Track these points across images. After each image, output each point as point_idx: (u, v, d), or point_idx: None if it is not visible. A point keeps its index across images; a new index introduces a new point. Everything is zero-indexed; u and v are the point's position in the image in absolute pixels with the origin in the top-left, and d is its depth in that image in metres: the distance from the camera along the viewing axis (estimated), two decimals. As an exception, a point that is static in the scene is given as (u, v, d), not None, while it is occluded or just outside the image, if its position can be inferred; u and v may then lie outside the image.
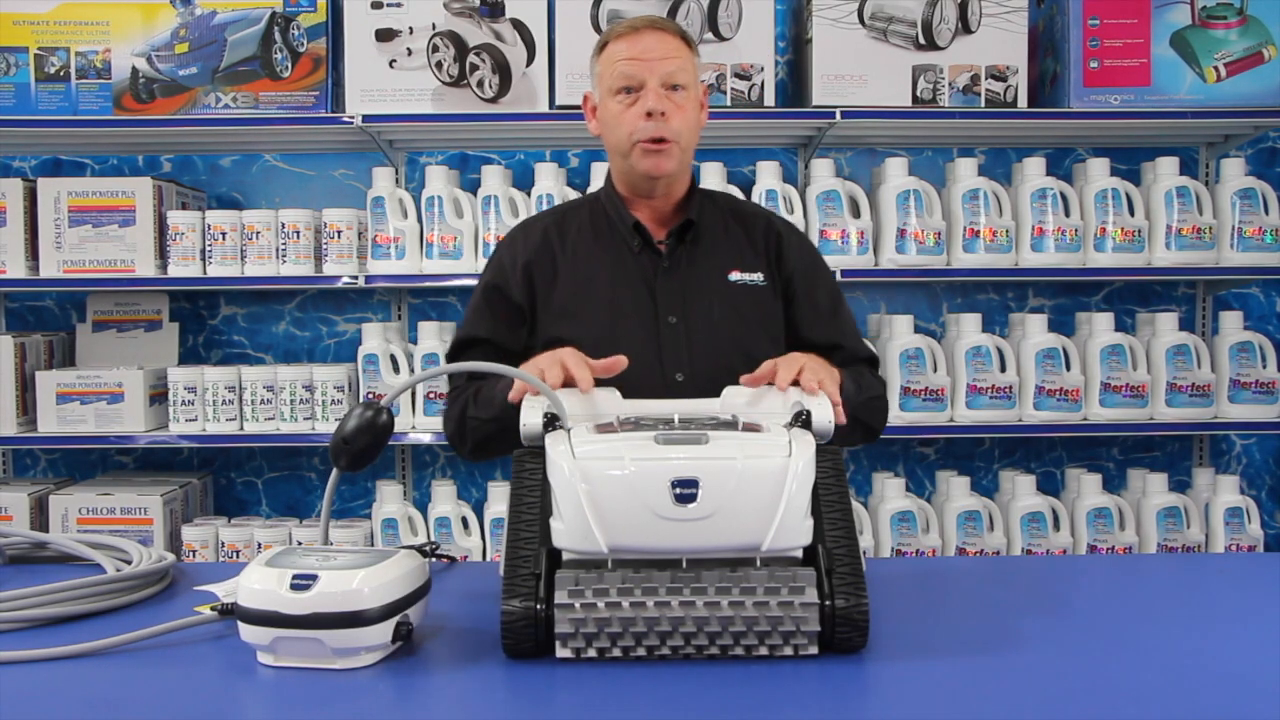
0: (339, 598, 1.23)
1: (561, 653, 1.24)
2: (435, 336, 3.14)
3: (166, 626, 1.36)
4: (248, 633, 1.25)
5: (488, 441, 1.83)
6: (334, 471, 1.42)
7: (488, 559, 3.10)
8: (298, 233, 3.12)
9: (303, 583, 1.24)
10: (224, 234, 3.12)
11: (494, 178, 3.16)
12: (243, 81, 3.15)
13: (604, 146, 1.95)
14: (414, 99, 3.15)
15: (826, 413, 1.41)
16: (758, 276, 1.90)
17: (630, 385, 1.60)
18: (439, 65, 3.15)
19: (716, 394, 1.54)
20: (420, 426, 3.12)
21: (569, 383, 1.53)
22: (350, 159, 3.48)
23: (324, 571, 1.25)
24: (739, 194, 2.99)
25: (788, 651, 1.25)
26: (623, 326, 1.84)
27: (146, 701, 1.18)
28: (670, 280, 1.87)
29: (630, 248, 1.89)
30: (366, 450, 1.40)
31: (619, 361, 1.59)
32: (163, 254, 3.17)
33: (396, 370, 3.15)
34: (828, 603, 1.23)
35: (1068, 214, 3.15)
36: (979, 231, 3.12)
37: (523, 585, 1.25)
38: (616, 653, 1.24)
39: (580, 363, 1.56)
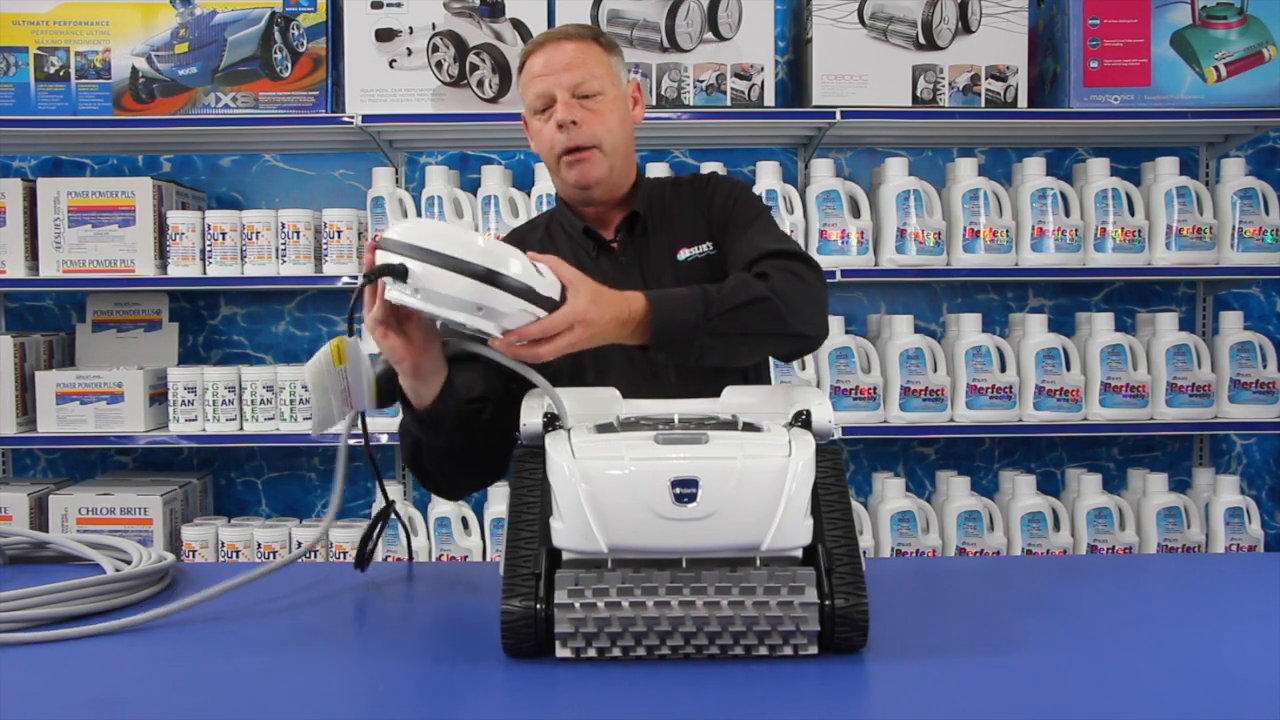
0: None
1: (561, 652, 1.24)
2: (435, 336, 3.14)
3: (170, 608, 1.37)
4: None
5: (416, 452, 1.67)
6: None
7: (488, 559, 3.10)
8: (298, 233, 3.13)
9: None
10: (224, 234, 3.12)
11: (494, 178, 3.16)
12: (242, 81, 3.15)
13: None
14: (414, 99, 3.15)
15: (826, 413, 1.41)
16: (705, 246, 1.87)
17: (621, 379, 1.59)
18: (439, 65, 3.15)
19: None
20: (420, 426, 3.11)
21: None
22: (350, 159, 3.48)
23: None
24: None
25: (787, 651, 1.25)
26: None
27: (143, 702, 1.18)
28: (627, 274, 1.86)
29: (588, 253, 1.89)
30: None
31: None
32: (162, 254, 3.17)
33: (396, 370, 3.15)
34: (827, 602, 1.23)
35: (1068, 214, 3.14)
36: (979, 231, 3.12)
37: (523, 585, 1.24)
38: (616, 652, 1.24)
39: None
